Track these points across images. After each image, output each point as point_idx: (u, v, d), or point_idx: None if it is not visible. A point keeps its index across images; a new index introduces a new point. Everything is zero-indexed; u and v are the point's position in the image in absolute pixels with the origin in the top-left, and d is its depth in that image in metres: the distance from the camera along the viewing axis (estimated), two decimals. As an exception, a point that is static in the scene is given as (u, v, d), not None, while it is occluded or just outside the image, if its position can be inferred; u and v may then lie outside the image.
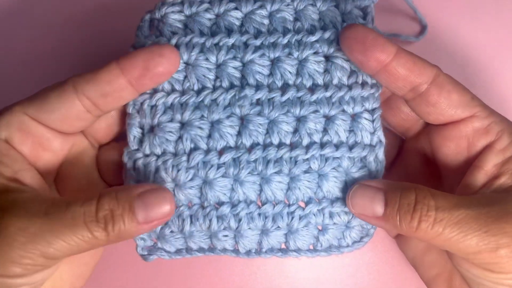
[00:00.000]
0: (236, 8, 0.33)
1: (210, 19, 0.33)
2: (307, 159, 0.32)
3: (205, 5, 0.33)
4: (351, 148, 0.33)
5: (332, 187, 0.33)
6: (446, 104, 0.31)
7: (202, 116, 0.32)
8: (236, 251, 0.35)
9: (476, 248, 0.28)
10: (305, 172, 0.32)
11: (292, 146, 0.32)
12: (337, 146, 0.32)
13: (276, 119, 0.32)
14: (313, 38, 0.32)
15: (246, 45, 0.32)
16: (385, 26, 0.42)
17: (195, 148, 0.32)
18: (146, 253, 0.35)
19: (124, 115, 0.34)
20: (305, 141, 0.32)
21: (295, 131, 0.32)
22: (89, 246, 0.28)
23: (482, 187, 0.31)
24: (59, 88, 0.30)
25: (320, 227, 0.34)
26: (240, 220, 0.33)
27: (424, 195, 0.29)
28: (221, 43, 0.32)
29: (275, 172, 0.32)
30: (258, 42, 0.32)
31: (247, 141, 0.32)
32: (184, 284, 0.42)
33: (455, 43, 0.44)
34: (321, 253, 0.35)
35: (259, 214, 0.33)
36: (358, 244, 0.36)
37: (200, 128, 0.32)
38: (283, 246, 0.35)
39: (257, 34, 0.33)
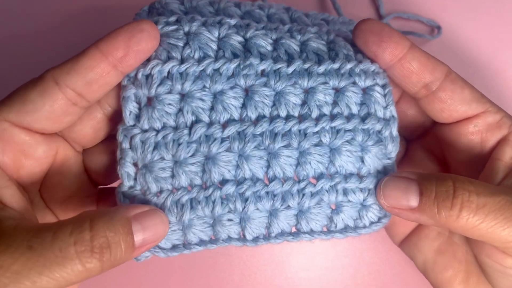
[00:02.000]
0: (237, 6, 0.33)
1: (210, 12, 0.32)
2: (317, 132, 0.30)
3: (206, 0, 0.32)
4: (364, 119, 0.31)
5: (345, 162, 0.31)
6: (460, 99, 0.31)
7: (204, 86, 0.30)
8: (242, 239, 0.32)
9: None
10: (316, 145, 0.30)
11: (301, 119, 0.30)
12: (348, 118, 0.31)
13: (283, 90, 0.30)
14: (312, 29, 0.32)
15: (248, 26, 0.31)
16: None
17: (197, 121, 0.30)
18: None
19: (110, 119, 0.33)
20: (315, 113, 0.30)
21: (304, 103, 0.30)
22: (79, 279, 0.25)
23: (504, 179, 0.30)
24: (39, 85, 0.28)
25: (333, 206, 0.32)
26: (246, 200, 0.30)
27: (462, 180, 0.28)
28: (223, 21, 0.31)
29: (284, 146, 0.30)
30: (260, 27, 0.31)
31: (252, 114, 0.30)
32: (183, 285, 0.42)
33: (456, 42, 0.44)
34: (336, 235, 0.32)
35: (267, 193, 0.31)
36: (376, 225, 0.33)
37: (202, 99, 0.30)
38: (293, 230, 0.33)
39: (258, 21, 0.32)
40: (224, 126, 0.30)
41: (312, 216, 0.32)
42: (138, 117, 0.30)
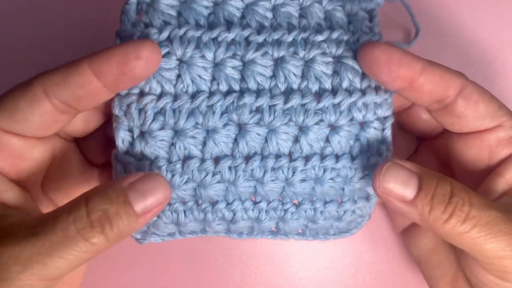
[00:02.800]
0: None
1: (207, 7, 0.30)
2: (305, 169, 0.31)
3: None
4: (353, 158, 0.31)
5: (326, 192, 0.32)
6: (473, 116, 0.30)
7: (197, 123, 0.30)
8: (228, 232, 0.35)
9: (501, 252, 0.27)
10: (302, 180, 0.31)
11: (291, 157, 0.31)
12: (338, 157, 0.31)
13: (276, 129, 0.30)
14: (320, 38, 0.30)
15: (247, 41, 0.30)
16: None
17: (189, 156, 0.30)
18: (139, 237, 0.35)
19: (101, 110, 0.32)
20: (305, 152, 0.30)
21: (296, 140, 0.30)
22: (90, 255, 0.26)
23: (501, 195, 0.30)
24: (28, 94, 0.27)
25: (311, 220, 0.34)
26: (234, 214, 0.32)
27: (460, 188, 0.28)
28: (219, 38, 0.29)
29: (271, 180, 0.31)
30: (260, 39, 0.30)
31: (244, 150, 0.30)
32: (183, 284, 0.42)
33: (456, 42, 0.44)
34: (309, 238, 0.36)
35: (253, 209, 0.33)
36: (345, 234, 0.36)
37: (194, 137, 0.30)
38: (273, 229, 0.35)
39: (260, 28, 0.30)
40: (216, 160, 0.30)
41: (289, 224, 0.34)
42: (131, 145, 0.30)
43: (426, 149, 0.37)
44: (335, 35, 0.30)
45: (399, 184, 0.28)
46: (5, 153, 0.28)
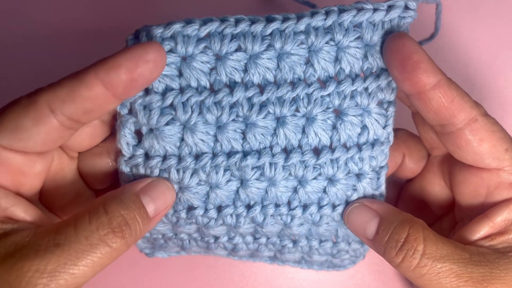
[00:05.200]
0: (239, 48, 0.29)
1: (208, 62, 0.29)
2: (302, 217, 0.32)
3: (202, 45, 0.28)
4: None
5: (321, 232, 0.34)
6: (474, 152, 0.29)
7: (200, 181, 0.30)
8: (229, 256, 0.37)
9: None
10: (299, 225, 0.33)
11: (290, 206, 0.32)
12: (334, 206, 0.32)
13: (276, 183, 0.31)
14: (325, 93, 0.29)
15: (250, 101, 0.29)
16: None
17: (191, 208, 0.32)
18: (148, 251, 0.38)
19: (106, 123, 0.32)
20: (303, 201, 0.31)
21: (295, 191, 0.31)
22: (111, 260, 0.26)
23: (483, 238, 0.30)
24: (33, 111, 0.26)
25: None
26: (235, 246, 0.35)
27: (415, 236, 0.28)
28: (223, 103, 0.29)
29: (271, 225, 0.32)
30: (264, 98, 0.29)
31: (245, 200, 0.31)
32: (183, 285, 0.42)
33: (457, 42, 0.44)
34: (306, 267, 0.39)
35: (253, 243, 0.35)
36: (350, 264, 0.38)
37: (197, 193, 0.31)
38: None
39: (263, 83, 0.29)
40: (219, 210, 0.31)
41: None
42: (136, 148, 0.30)
43: (433, 169, 0.35)
44: (340, 88, 0.29)
45: (360, 226, 0.31)
46: (6, 169, 0.27)
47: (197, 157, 0.30)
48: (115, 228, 0.26)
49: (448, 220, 0.35)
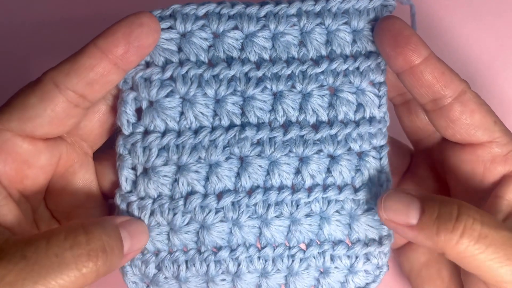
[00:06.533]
0: (235, 28, 0.31)
1: (207, 39, 0.31)
2: (309, 202, 0.31)
3: (201, 22, 0.30)
4: (356, 190, 0.32)
5: (334, 230, 0.32)
6: (467, 123, 0.29)
7: (199, 158, 0.30)
8: (234, 280, 0.33)
9: None
10: (307, 215, 0.32)
11: (294, 189, 0.31)
12: (340, 188, 0.31)
13: (277, 160, 0.31)
14: (318, 70, 0.31)
15: (247, 76, 0.31)
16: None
17: (192, 192, 0.31)
18: None
19: (113, 108, 0.32)
20: (308, 183, 0.31)
21: (297, 171, 0.31)
22: (74, 286, 0.24)
23: (506, 218, 0.29)
24: (38, 89, 0.27)
25: (322, 270, 0.33)
26: (239, 264, 0.32)
27: (468, 207, 0.27)
28: (221, 76, 0.30)
29: (276, 216, 0.31)
30: (260, 73, 0.31)
31: (246, 183, 0.31)
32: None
33: (457, 42, 0.44)
34: None
35: (259, 257, 0.32)
36: None
37: (197, 171, 0.31)
38: (282, 287, 0.34)
39: (259, 61, 0.31)
40: (219, 196, 0.31)
41: (300, 279, 0.33)
42: (134, 183, 0.31)
43: (421, 166, 0.36)
44: (333, 66, 0.31)
45: (401, 210, 0.28)
46: (12, 158, 0.28)
47: (197, 132, 0.30)
48: (91, 251, 0.24)
49: None
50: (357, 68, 0.31)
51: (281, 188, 0.31)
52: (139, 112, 0.31)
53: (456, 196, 0.33)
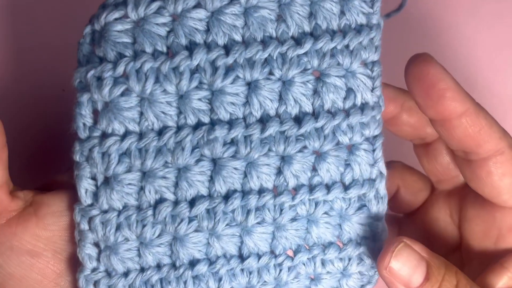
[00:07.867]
0: (198, 5, 0.26)
1: (164, 24, 0.26)
2: (294, 205, 0.27)
3: (156, 4, 0.25)
4: (346, 188, 0.28)
5: (323, 232, 0.28)
6: (493, 185, 0.27)
7: (166, 162, 0.26)
8: None
9: None
10: (292, 219, 0.28)
11: (276, 191, 0.27)
12: (329, 187, 0.27)
13: (255, 161, 0.27)
14: (301, 51, 0.26)
15: (213, 65, 0.26)
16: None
17: (161, 200, 0.27)
18: None
19: None
20: (291, 184, 0.27)
21: (279, 172, 0.27)
22: None
23: None
24: None
25: (312, 276, 0.29)
26: (220, 279, 0.28)
27: (465, 283, 0.26)
28: (181, 68, 0.26)
29: (258, 223, 0.27)
30: (230, 60, 0.26)
31: (221, 188, 0.27)
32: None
33: (457, 42, 0.44)
34: None
35: (242, 270, 0.28)
36: None
37: (165, 177, 0.27)
38: None
39: (229, 44, 0.26)
40: (192, 203, 0.27)
41: None
42: (95, 195, 0.27)
43: (438, 203, 0.33)
44: (318, 45, 0.26)
45: (407, 269, 0.26)
46: None
47: (161, 133, 0.26)
48: None
49: (454, 261, 0.31)
50: (347, 46, 0.27)
51: (261, 191, 0.27)
52: (97, 114, 0.28)
53: (467, 248, 0.31)
